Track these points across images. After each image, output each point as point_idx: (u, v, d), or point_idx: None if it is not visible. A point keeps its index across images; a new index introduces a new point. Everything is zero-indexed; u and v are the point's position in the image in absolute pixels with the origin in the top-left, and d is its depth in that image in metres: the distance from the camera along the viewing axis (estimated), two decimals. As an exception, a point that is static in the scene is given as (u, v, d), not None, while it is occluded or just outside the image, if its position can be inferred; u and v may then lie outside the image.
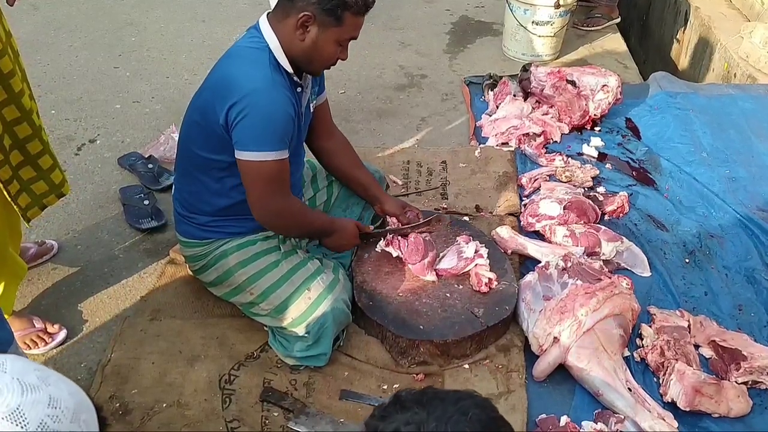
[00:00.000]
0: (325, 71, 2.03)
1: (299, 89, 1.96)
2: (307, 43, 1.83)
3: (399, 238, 2.23)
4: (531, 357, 2.09)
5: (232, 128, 1.83)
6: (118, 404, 1.92)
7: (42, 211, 2.24)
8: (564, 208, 2.57)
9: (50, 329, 2.16)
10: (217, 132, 1.86)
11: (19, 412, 0.93)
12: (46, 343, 2.13)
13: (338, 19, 1.80)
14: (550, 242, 2.51)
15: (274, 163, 1.86)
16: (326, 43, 1.84)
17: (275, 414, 1.92)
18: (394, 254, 2.22)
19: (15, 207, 2.07)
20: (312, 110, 2.13)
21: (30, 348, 2.11)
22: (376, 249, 2.26)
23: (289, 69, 1.88)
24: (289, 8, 1.81)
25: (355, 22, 1.84)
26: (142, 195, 2.70)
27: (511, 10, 3.93)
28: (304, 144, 2.21)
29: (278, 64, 1.86)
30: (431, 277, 2.20)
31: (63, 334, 2.17)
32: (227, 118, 1.82)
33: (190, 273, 2.30)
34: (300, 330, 1.99)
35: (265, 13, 1.90)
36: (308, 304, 1.98)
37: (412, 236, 2.21)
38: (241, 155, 1.86)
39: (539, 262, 2.35)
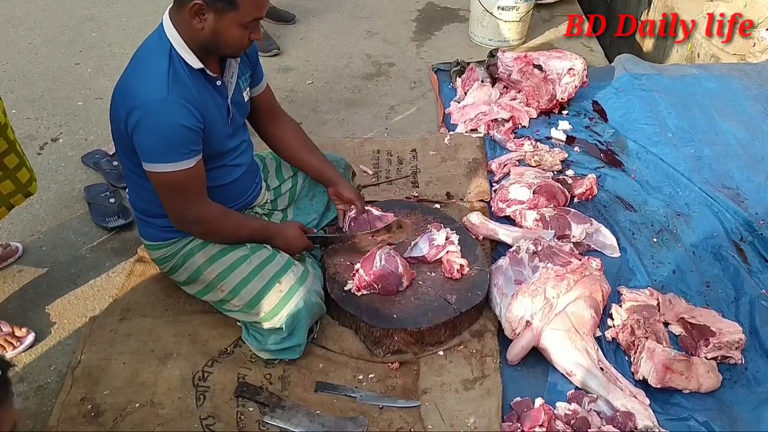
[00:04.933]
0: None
1: (218, 83, 1.89)
2: (206, 32, 1.75)
3: (359, 277, 2.12)
4: (504, 341, 2.10)
5: (130, 137, 1.78)
6: (89, 406, 1.89)
7: (9, 211, 2.19)
8: (534, 193, 2.58)
9: (18, 333, 2.12)
10: (129, 144, 1.82)
11: None
12: (14, 347, 2.09)
13: (231, 3, 1.71)
14: (520, 227, 2.52)
15: (177, 174, 1.80)
16: (227, 28, 1.75)
17: (250, 409, 1.91)
18: (366, 292, 2.13)
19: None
20: (247, 99, 2.06)
21: (-3, 352, 2.07)
22: (345, 288, 2.15)
23: (197, 65, 1.80)
24: None
25: (252, 2, 1.74)
26: (108, 193, 2.65)
27: (477, -4, 3.93)
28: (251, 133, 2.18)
29: (185, 63, 1.79)
30: (412, 275, 2.19)
31: (31, 337, 2.13)
32: (126, 127, 1.77)
33: (161, 272, 2.27)
34: (274, 323, 1.97)
35: (168, 8, 1.82)
36: (280, 297, 1.97)
37: (373, 271, 2.09)
38: (145, 166, 1.82)
39: (510, 246, 2.36)
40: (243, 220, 2.07)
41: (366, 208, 2.30)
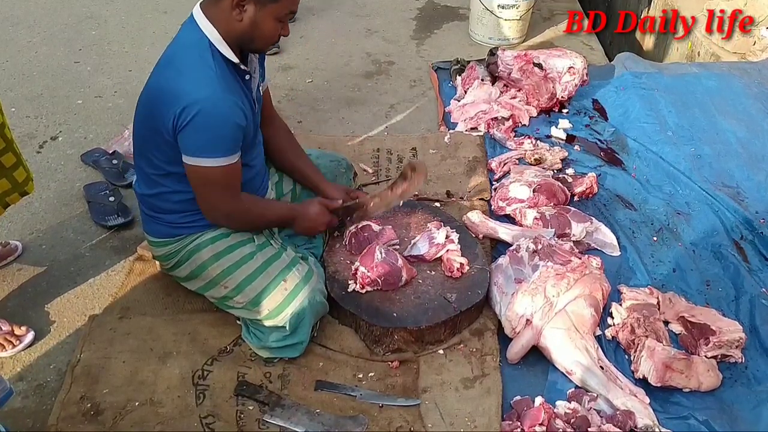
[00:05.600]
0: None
1: (248, 77, 1.92)
2: (245, 23, 1.78)
3: (361, 273, 2.11)
4: (504, 340, 2.10)
5: (178, 133, 1.78)
6: (89, 405, 1.89)
7: (5, 210, 2.19)
8: (534, 191, 2.58)
9: (17, 332, 2.12)
10: (168, 140, 1.82)
11: None
12: (14, 346, 2.09)
13: None
14: (520, 225, 2.52)
15: (222, 169, 1.83)
16: (265, 20, 1.79)
17: (250, 408, 1.90)
18: (370, 289, 2.12)
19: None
20: (261, 95, 2.09)
21: (-3, 351, 2.07)
22: (348, 290, 2.14)
23: (235, 59, 1.82)
24: None
25: None
26: (107, 191, 2.65)
27: (477, -6, 3.93)
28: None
29: (222, 57, 1.80)
30: (412, 272, 2.19)
31: (31, 336, 2.12)
32: (175, 124, 1.77)
33: (159, 269, 2.27)
34: (277, 322, 1.97)
35: (198, 3, 1.83)
36: (284, 295, 1.97)
37: (374, 264, 2.09)
38: (187, 160, 1.82)
39: (510, 245, 2.36)
40: (269, 205, 2.12)
41: (364, 223, 2.27)
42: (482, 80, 3.36)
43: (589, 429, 1.81)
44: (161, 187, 1.96)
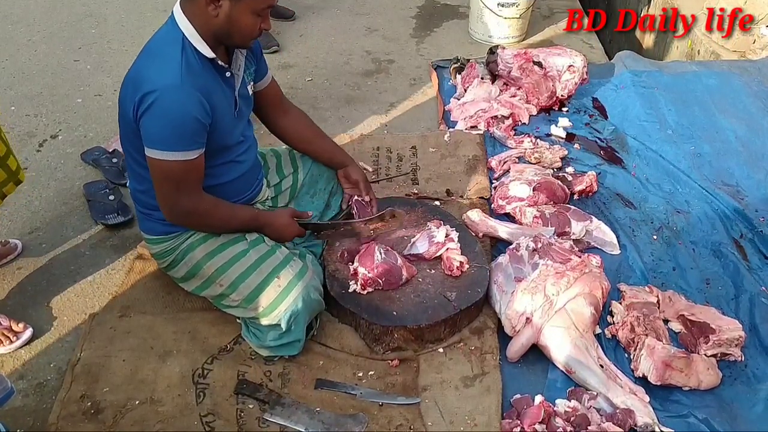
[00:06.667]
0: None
1: (228, 74, 1.91)
2: (221, 19, 1.77)
3: (362, 274, 2.10)
4: (504, 338, 2.10)
5: (138, 121, 1.79)
6: (89, 403, 1.89)
7: (2, 201, 2.19)
8: (533, 190, 2.58)
9: (15, 327, 2.12)
10: (136, 131, 1.82)
11: None
12: (11, 342, 2.09)
13: None
14: (520, 224, 2.52)
15: (178, 163, 1.81)
16: (242, 15, 1.77)
17: (250, 406, 1.91)
18: (371, 289, 2.12)
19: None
20: (251, 93, 2.08)
21: (-5, 346, 2.07)
22: (349, 291, 2.13)
23: (210, 54, 1.82)
24: None
25: None
26: (107, 190, 2.65)
27: (477, -7, 3.92)
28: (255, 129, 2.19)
29: (197, 53, 1.80)
30: (412, 270, 2.19)
31: (29, 332, 2.12)
32: (135, 112, 1.77)
33: (159, 268, 2.27)
34: (272, 319, 1.97)
35: (178, 0, 1.84)
36: (278, 292, 1.97)
37: (375, 265, 2.10)
38: (147, 152, 1.81)
39: (510, 244, 2.36)
40: (233, 210, 2.05)
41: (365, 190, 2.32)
42: (482, 79, 3.35)
43: (588, 427, 1.82)
44: (148, 182, 1.95)
